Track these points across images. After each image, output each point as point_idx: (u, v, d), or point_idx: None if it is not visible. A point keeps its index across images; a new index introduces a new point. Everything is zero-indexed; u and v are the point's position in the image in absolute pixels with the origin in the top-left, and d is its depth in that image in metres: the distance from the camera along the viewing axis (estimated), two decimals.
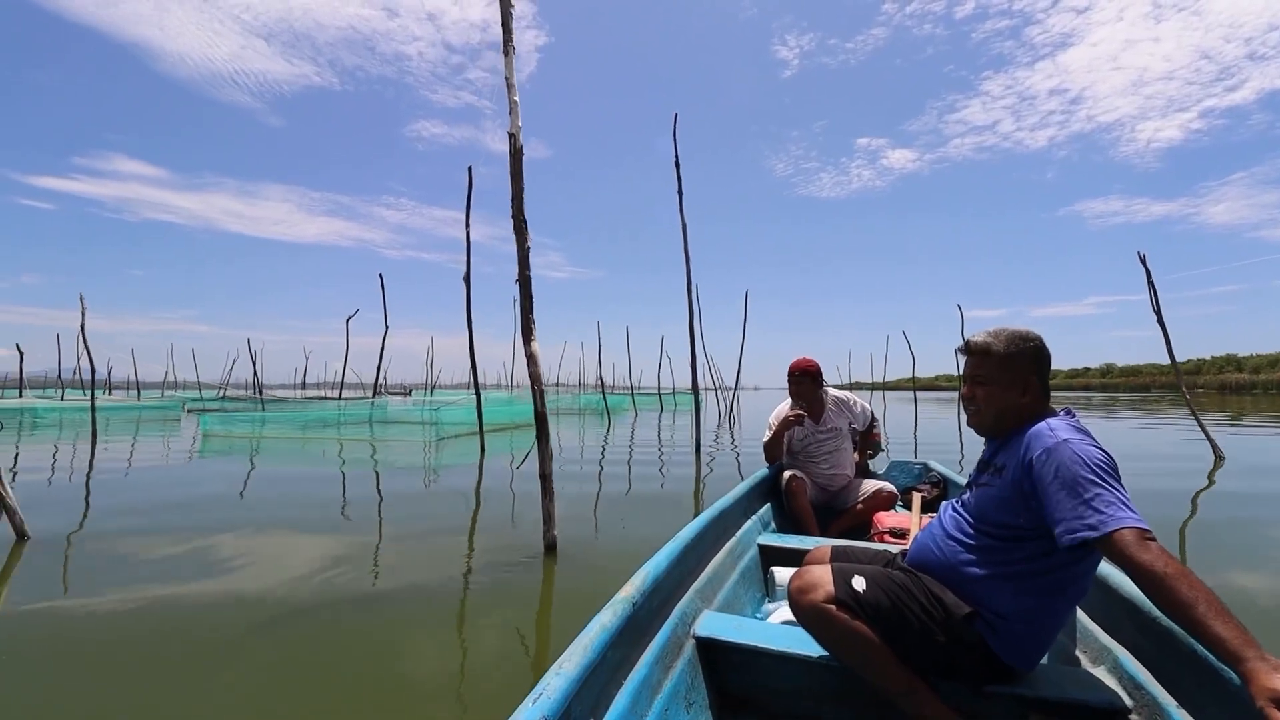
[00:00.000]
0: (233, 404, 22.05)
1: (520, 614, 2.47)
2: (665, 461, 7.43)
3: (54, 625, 2.37)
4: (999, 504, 1.28)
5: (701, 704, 1.39)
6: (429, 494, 5.24)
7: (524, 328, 3.35)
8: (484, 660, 2.08)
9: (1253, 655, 0.87)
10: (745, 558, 2.21)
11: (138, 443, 9.48)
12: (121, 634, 2.30)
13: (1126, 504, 1.09)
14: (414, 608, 2.53)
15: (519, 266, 3.39)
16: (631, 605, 1.29)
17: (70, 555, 3.30)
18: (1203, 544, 3.53)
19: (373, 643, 2.18)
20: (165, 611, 2.50)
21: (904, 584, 1.32)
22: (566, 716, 0.95)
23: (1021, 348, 1.36)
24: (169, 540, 3.56)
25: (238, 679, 1.93)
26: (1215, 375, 77.17)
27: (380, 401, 17.30)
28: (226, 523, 4.02)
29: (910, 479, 3.65)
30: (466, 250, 8.02)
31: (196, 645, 2.18)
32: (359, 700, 1.80)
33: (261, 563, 3.15)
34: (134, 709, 1.78)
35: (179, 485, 5.67)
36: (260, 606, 2.53)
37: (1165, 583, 0.97)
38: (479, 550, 3.42)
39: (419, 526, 4.03)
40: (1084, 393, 67.47)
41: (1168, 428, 12.31)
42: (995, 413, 1.38)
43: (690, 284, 8.28)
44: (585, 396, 25.27)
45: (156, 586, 2.80)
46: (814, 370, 3.07)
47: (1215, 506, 4.62)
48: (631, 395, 25.39)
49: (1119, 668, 1.33)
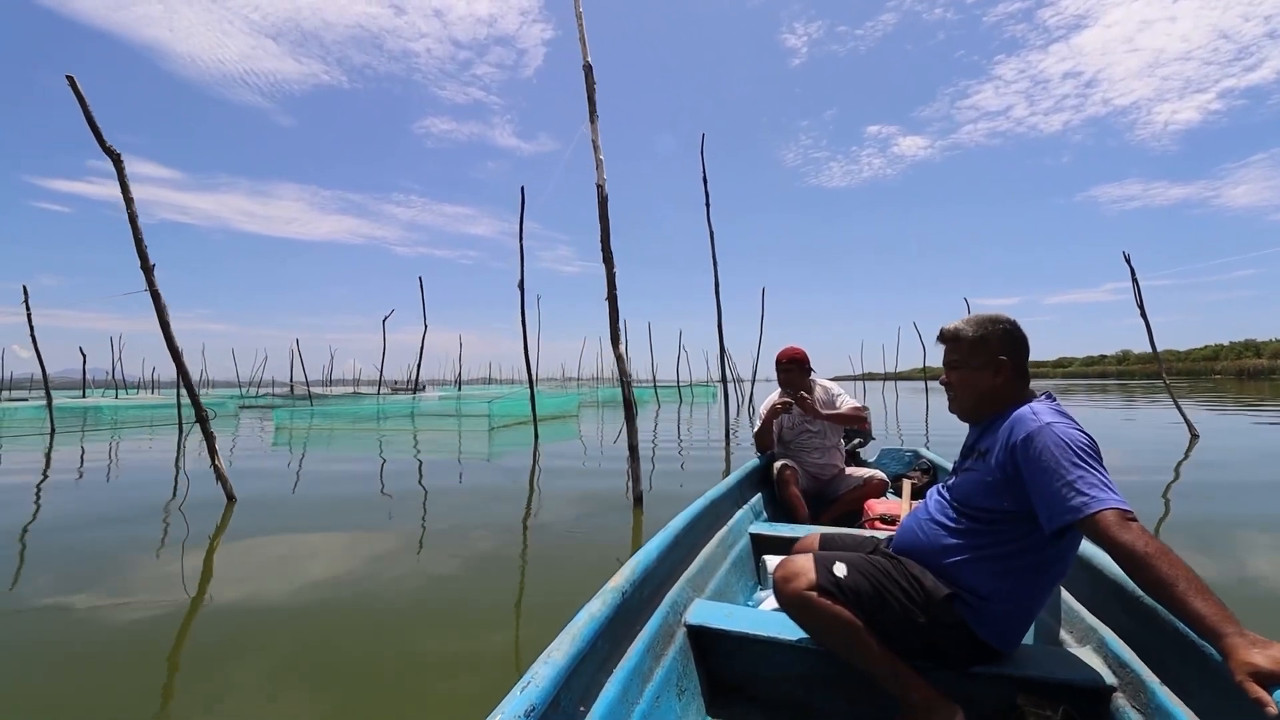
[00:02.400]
0: (282, 401, 23.36)
1: (624, 542, 3.53)
2: (700, 444, 8.60)
3: (253, 553, 3.43)
4: (983, 488, 1.30)
5: (693, 691, 1.41)
6: (525, 469, 6.32)
7: (612, 335, 4.40)
8: (600, 575, 3.14)
9: (1231, 631, 0.90)
10: (737, 546, 2.24)
11: (236, 435, 10.68)
12: (317, 552, 3.38)
13: (1109, 485, 1.11)
14: (559, 536, 3.63)
15: (608, 288, 4.42)
16: (621, 595, 1.31)
17: (267, 510, 4.41)
18: (1181, 506, 4.40)
19: (545, 557, 3.30)
20: (353, 533, 3.59)
21: (885, 568, 1.34)
22: (555, 705, 0.96)
23: (991, 329, 1.39)
24: (331, 497, 4.68)
25: (449, 578, 3.00)
26: (1234, 361, 76.55)
27: (423, 396, 18.44)
28: (391, 490, 5.13)
29: (901, 466, 3.69)
30: (520, 261, 9.11)
31: (381, 554, 3.25)
32: (535, 585, 2.85)
33: (409, 513, 4.24)
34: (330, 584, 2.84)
35: (312, 464, 6.80)
36: (442, 530, 3.62)
37: (1146, 562, 0.99)
38: (587, 503, 4.56)
39: (540, 488, 5.13)
40: (1099, 380, 67.54)
41: (1162, 412, 13.10)
42: (970, 396, 1.42)
43: (717, 287, 9.26)
44: (605, 390, 26.34)
45: (341, 528, 3.90)
46: (802, 358, 3.09)
47: (1191, 473, 5.60)
48: (654, 388, 26.52)
49: (1104, 647, 1.34)
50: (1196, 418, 8.93)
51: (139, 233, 4.19)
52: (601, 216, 4.42)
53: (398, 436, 10.05)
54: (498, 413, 11.24)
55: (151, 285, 4.24)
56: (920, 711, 1.21)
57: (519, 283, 9.11)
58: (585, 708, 1.07)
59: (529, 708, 0.88)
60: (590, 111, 4.54)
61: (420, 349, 17.64)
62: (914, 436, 8.80)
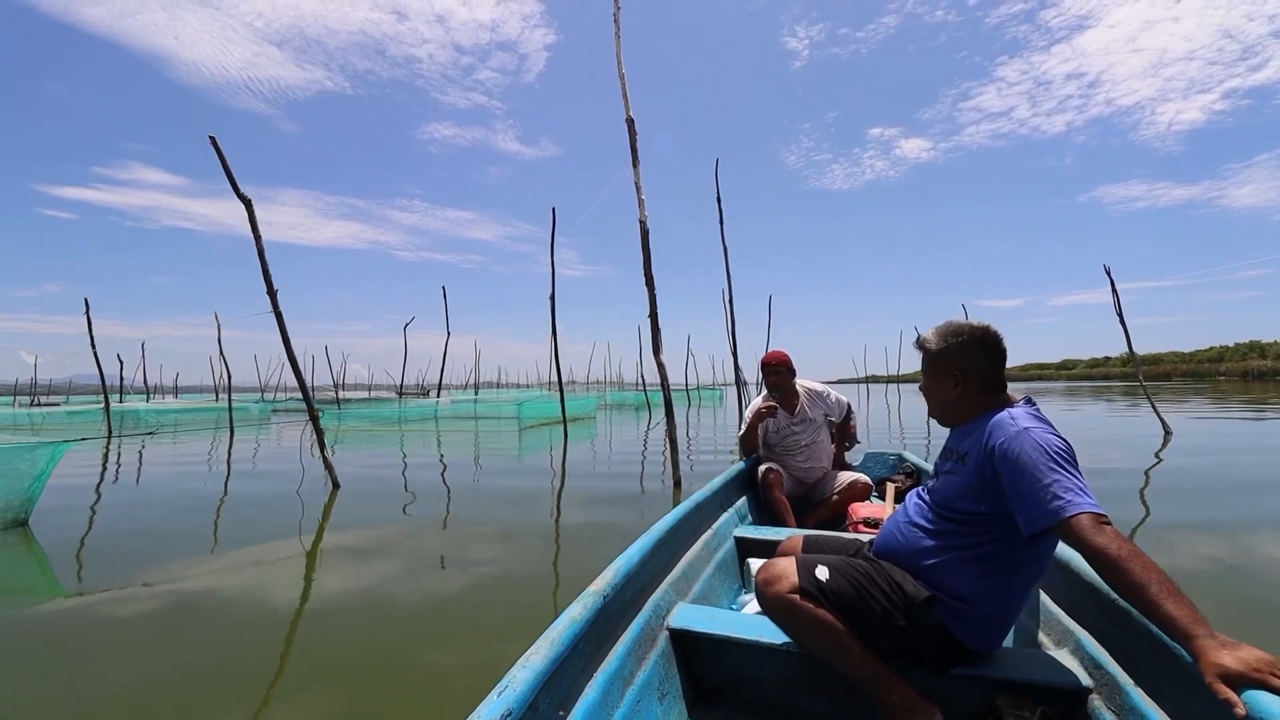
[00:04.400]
0: (320, 405, 24.47)
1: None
2: (717, 439, 9.51)
3: (358, 533, 4.26)
4: (962, 490, 1.31)
5: (675, 695, 1.41)
6: (574, 460, 7.21)
7: (654, 345, 5.29)
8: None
9: (1202, 633, 0.92)
10: (721, 550, 2.24)
11: (282, 436, 11.59)
12: (411, 531, 4.25)
13: (1084, 490, 1.12)
14: (620, 510, 4.51)
15: (650, 306, 5.30)
16: (602, 598, 1.30)
17: (367, 495, 5.30)
18: (1155, 485, 5.30)
19: (626, 526, 4.15)
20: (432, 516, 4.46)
21: (866, 571, 1.35)
22: (533, 709, 0.96)
23: (950, 343, 1.40)
24: (415, 484, 5.58)
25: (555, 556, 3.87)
26: (1238, 363, 76.80)
27: (437, 400, 19.36)
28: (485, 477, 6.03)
29: (885, 469, 3.73)
30: (551, 276, 10.03)
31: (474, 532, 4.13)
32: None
33: (498, 496, 5.13)
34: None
35: (373, 460, 7.69)
36: (526, 511, 4.49)
37: (1119, 565, 1.01)
38: (632, 484, 5.47)
39: (590, 474, 6.09)
40: (1104, 382, 68.08)
41: (1149, 415, 13.92)
42: (936, 404, 1.46)
43: (730, 297, 10.13)
44: (614, 393, 27.26)
45: (425, 510, 4.78)
46: (787, 362, 3.11)
47: (1167, 462, 6.46)
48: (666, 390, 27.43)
49: (1081, 649, 1.36)
50: (1175, 421, 9.80)
51: (266, 265, 5.10)
52: (644, 248, 5.30)
53: (435, 436, 10.96)
54: (526, 414, 12.16)
55: (275, 307, 5.14)
56: (900, 713, 1.23)
57: (550, 295, 10.02)
58: (564, 712, 1.08)
59: (505, 711, 0.88)
60: (633, 159, 5.42)
61: (444, 355, 18.58)
62: (916, 440, 9.43)
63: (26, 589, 3.06)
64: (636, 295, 6.41)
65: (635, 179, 5.39)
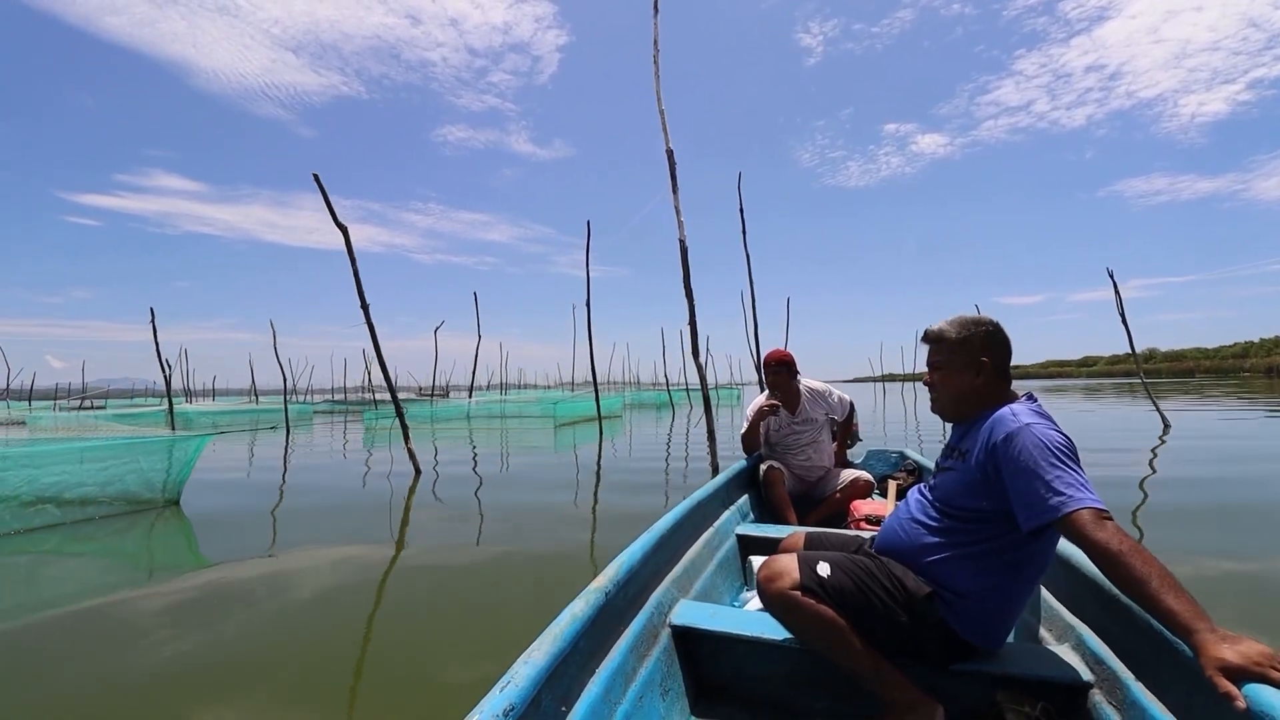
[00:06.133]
0: (353, 406, 25.86)
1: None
2: (734, 437, 10.19)
3: (439, 511, 5.08)
4: (963, 487, 1.32)
5: (677, 691, 1.42)
6: (612, 453, 8.00)
7: (693, 349, 6.04)
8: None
9: (1203, 627, 0.92)
10: (724, 547, 2.26)
11: (347, 435, 12.54)
12: (491, 512, 5.04)
13: (1085, 485, 1.13)
14: (678, 488, 5.27)
15: (689, 314, 6.05)
16: (605, 595, 1.31)
17: (443, 480, 6.12)
18: (1159, 476, 5.96)
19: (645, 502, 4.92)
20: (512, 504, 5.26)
21: (867, 568, 1.36)
22: (535, 704, 0.96)
23: (974, 331, 1.40)
24: (492, 472, 6.38)
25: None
26: (1263, 359, 75.50)
27: (446, 401, 20.32)
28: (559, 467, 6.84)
29: (887, 467, 3.74)
30: (586, 286, 10.90)
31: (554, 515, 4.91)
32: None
33: (564, 482, 5.92)
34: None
35: (449, 449, 8.54)
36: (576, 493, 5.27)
37: (1120, 559, 1.02)
38: (676, 470, 6.25)
39: (631, 464, 6.85)
40: (1125, 379, 67.42)
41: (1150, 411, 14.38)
42: (952, 396, 1.44)
43: (753, 301, 10.82)
44: (635, 393, 28.24)
45: (500, 499, 5.57)
46: (789, 361, 3.13)
47: (1163, 452, 7.09)
48: (686, 391, 29.11)
49: (1082, 644, 1.36)
50: (1175, 417, 10.31)
51: (360, 283, 5.96)
52: (684, 264, 6.05)
53: (476, 434, 11.82)
54: (561, 413, 13.01)
55: (367, 318, 6.00)
56: (902, 709, 1.24)
57: (585, 301, 10.88)
58: (566, 707, 1.08)
59: (508, 707, 0.89)
60: (672, 185, 6.18)
61: (475, 357, 19.57)
62: (933, 440, 9.87)
63: (176, 561, 3.91)
64: (652, 297, 7.12)
65: (675, 204, 6.15)
